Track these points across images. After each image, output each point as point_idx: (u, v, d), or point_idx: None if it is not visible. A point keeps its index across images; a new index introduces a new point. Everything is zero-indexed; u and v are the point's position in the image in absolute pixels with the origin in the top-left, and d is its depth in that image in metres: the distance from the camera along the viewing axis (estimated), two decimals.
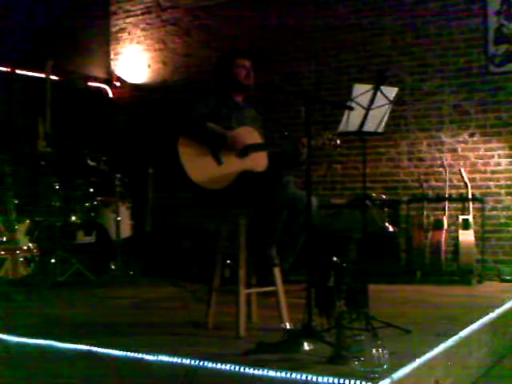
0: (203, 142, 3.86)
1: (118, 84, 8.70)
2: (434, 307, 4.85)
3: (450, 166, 6.58)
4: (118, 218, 6.50)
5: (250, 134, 4.04)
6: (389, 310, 4.42)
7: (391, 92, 3.94)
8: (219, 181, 3.83)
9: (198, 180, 3.79)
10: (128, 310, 4.91)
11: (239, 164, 3.93)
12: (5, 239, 5.44)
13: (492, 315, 4.29)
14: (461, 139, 6.63)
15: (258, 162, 4.03)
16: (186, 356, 3.13)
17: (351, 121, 3.85)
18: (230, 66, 4.11)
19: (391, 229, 6.38)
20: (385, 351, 2.79)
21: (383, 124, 4.03)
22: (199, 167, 3.82)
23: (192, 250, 6.78)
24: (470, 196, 6.36)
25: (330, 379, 2.75)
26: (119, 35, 8.75)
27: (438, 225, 6.33)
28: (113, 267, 6.44)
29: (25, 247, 5.50)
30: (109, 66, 8.77)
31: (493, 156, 6.49)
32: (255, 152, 4.00)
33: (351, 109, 3.77)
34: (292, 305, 3.92)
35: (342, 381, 2.71)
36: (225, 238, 4.01)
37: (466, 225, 6.18)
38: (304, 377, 2.79)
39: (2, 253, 5.38)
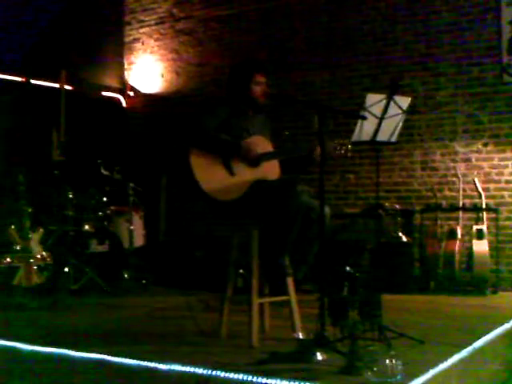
0: (216, 153, 3.86)
1: (131, 94, 8.74)
2: (448, 317, 4.82)
3: (464, 175, 6.55)
4: (131, 227, 6.52)
5: (261, 144, 4.03)
6: (402, 320, 4.39)
7: (404, 101, 3.94)
8: (232, 191, 3.83)
9: (211, 191, 3.79)
10: (141, 319, 4.92)
11: (252, 174, 3.92)
12: (19, 248, 5.46)
13: (507, 326, 4.25)
14: (474, 149, 6.60)
15: (271, 170, 4.03)
16: (199, 365, 3.12)
17: (364, 130, 3.85)
18: (246, 80, 4.02)
19: (405, 239, 6.36)
20: (398, 362, 2.77)
21: (396, 133, 4.03)
22: (212, 178, 3.82)
23: (205, 259, 6.78)
24: (483, 206, 6.33)
25: None
26: (133, 45, 8.80)
27: (452, 234, 6.31)
28: (125, 276, 6.44)
29: (38, 256, 5.51)
30: (122, 75, 8.82)
31: (507, 166, 6.45)
32: (267, 161, 4.00)
33: (364, 118, 3.77)
34: (305, 315, 3.91)
35: None
36: (238, 248, 4.01)
37: (479, 235, 6.15)
38: None
39: (16, 261, 5.41)
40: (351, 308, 3.48)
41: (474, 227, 6.22)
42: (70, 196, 6.20)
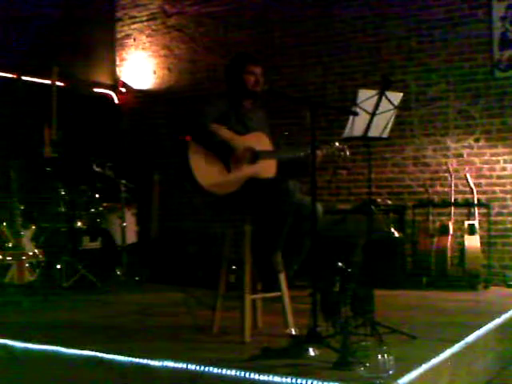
0: (211, 150, 3.86)
1: (123, 90, 8.72)
2: (440, 313, 4.84)
3: (456, 171, 6.57)
4: (124, 224, 6.51)
5: (259, 141, 4.04)
6: (394, 315, 4.41)
7: (396, 97, 3.94)
8: (227, 186, 3.84)
9: (206, 185, 3.79)
10: (133, 316, 4.91)
11: (248, 170, 3.93)
12: (11, 245, 5.45)
13: (498, 321, 4.27)
14: (466, 144, 6.61)
15: (267, 168, 4.03)
16: (191, 361, 3.13)
17: (356, 126, 3.85)
18: (239, 71, 4.11)
19: (397, 234, 6.37)
20: (390, 357, 2.78)
21: (388, 129, 4.03)
22: (208, 172, 3.82)
23: (197, 255, 6.78)
24: (475, 201, 6.35)
25: None
26: (125, 41, 8.77)
27: (444, 230, 6.32)
28: (118, 273, 6.44)
29: (30, 253, 5.50)
30: (114, 72, 8.79)
31: (498, 161, 6.47)
32: (264, 159, 4.01)
33: (356, 114, 3.77)
34: (297, 310, 3.91)
35: None
36: (230, 244, 4.01)
37: (471, 230, 6.17)
38: (309, 382, 2.79)
39: (8, 258, 5.39)
40: (343, 304, 3.48)
41: (466, 223, 6.23)
42: (62, 193, 6.19)
